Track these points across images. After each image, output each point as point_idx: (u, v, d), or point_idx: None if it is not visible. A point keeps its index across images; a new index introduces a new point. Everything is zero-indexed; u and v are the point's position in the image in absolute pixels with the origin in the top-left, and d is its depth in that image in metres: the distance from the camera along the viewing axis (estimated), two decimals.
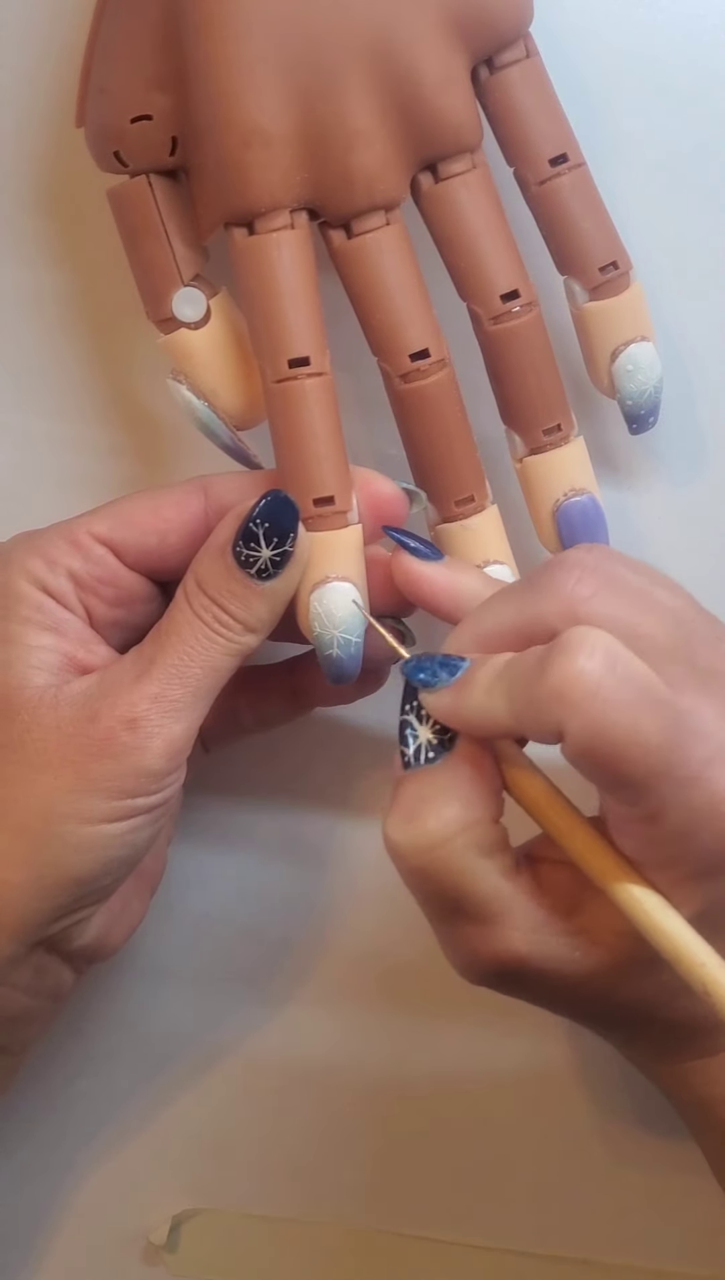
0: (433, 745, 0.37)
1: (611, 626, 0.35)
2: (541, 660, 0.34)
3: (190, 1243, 0.50)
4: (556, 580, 0.36)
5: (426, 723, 0.37)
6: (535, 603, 0.36)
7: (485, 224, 0.41)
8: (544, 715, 0.34)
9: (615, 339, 0.43)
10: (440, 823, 0.36)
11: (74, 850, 0.39)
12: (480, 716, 0.36)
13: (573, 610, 0.35)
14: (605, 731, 0.33)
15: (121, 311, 0.45)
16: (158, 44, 0.39)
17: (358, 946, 0.50)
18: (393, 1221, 0.50)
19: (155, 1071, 0.51)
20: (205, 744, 0.46)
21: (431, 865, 0.36)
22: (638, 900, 0.35)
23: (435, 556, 0.40)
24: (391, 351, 0.41)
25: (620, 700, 0.33)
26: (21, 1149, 0.51)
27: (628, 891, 0.35)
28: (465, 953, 0.37)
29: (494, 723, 0.36)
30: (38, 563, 0.40)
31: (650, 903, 0.35)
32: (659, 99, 0.45)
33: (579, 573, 0.36)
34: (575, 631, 0.34)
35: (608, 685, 0.33)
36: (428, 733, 0.37)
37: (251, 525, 0.39)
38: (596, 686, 0.33)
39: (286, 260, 0.40)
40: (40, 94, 0.45)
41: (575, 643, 0.34)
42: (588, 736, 0.33)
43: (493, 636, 0.37)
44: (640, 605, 0.36)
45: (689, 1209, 0.49)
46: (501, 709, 0.35)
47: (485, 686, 0.36)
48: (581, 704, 0.33)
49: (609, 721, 0.33)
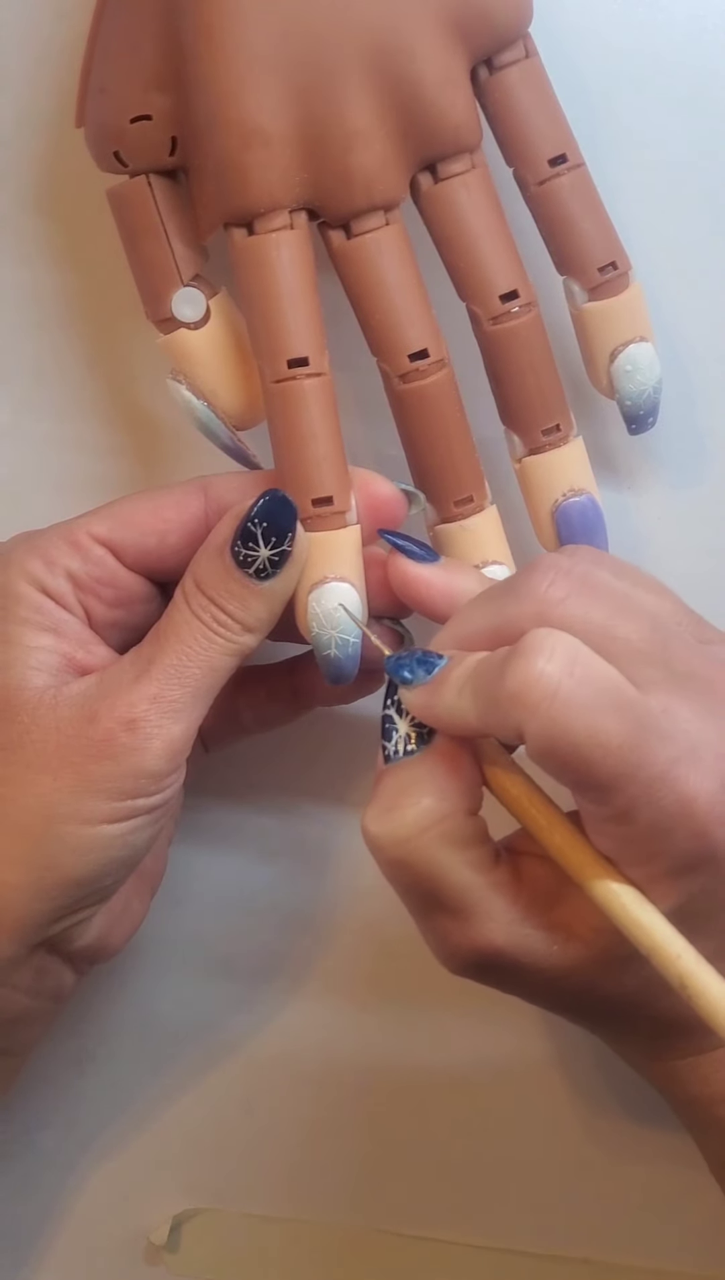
0: (411, 739, 0.38)
1: (584, 629, 0.35)
2: (503, 662, 0.34)
3: (190, 1243, 0.50)
4: (531, 583, 0.36)
5: (405, 717, 0.38)
6: (509, 605, 0.36)
7: (484, 224, 0.41)
8: (504, 717, 0.34)
9: (614, 339, 0.43)
10: (415, 814, 0.36)
11: (74, 851, 0.39)
12: (450, 715, 0.36)
13: (544, 613, 0.36)
14: (563, 733, 0.33)
15: (121, 311, 0.45)
16: (157, 44, 0.39)
17: (358, 946, 0.50)
18: (393, 1221, 0.50)
19: (156, 1071, 0.51)
20: (205, 744, 0.46)
21: (406, 857, 0.37)
22: (614, 895, 0.35)
23: (431, 558, 0.40)
24: (390, 352, 0.41)
25: (578, 702, 0.33)
26: (22, 1149, 0.51)
27: (603, 886, 0.35)
28: (443, 944, 0.38)
29: (463, 722, 0.36)
30: (37, 563, 0.40)
31: (626, 898, 0.35)
32: (659, 99, 0.45)
33: (553, 575, 0.36)
34: (536, 633, 0.34)
35: (566, 687, 0.33)
36: (407, 727, 0.38)
37: (250, 525, 0.39)
38: (554, 689, 0.33)
39: (286, 260, 0.40)
40: (40, 94, 0.45)
41: (535, 645, 0.34)
42: (546, 738, 0.33)
43: (472, 636, 0.37)
44: (615, 608, 0.36)
45: (689, 1208, 0.49)
46: (469, 709, 0.36)
47: (457, 686, 0.36)
48: (539, 706, 0.33)
49: (567, 723, 0.33)
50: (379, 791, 0.38)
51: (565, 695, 0.33)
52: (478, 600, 0.38)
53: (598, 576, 0.37)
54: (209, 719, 0.40)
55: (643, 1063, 0.42)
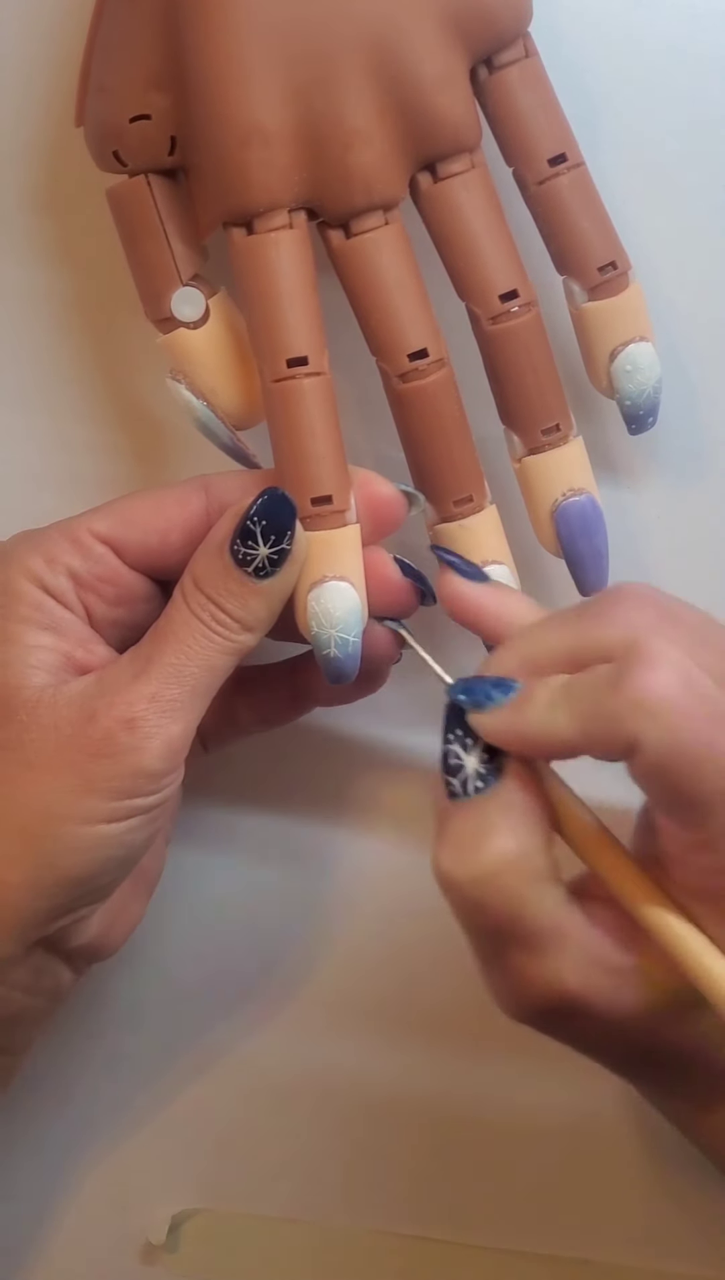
0: (481, 774, 0.36)
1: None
2: (615, 674, 0.34)
3: (190, 1243, 0.50)
4: (618, 609, 0.36)
5: (472, 750, 0.37)
6: (594, 627, 0.36)
7: (484, 224, 0.41)
8: (618, 727, 0.33)
9: (614, 339, 0.43)
10: (496, 853, 0.35)
11: (72, 850, 0.39)
12: (541, 733, 0.35)
13: (633, 637, 0.35)
14: (682, 745, 0.33)
15: (121, 311, 0.45)
16: (157, 43, 0.39)
17: (357, 946, 0.50)
18: (393, 1222, 0.50)
19: (155, 1071, 0.51)
20: (205, 743, 0.46)
21: (488, 896, 0.35)
22: (682, 938, 0.35)
23: (481, 578, 0.40)
24: (390, 351, 0.41)
25: (698, 715, 0.33)
26: (21, 1149, 0.51)
27: (672, 928, 0.35)
28: (514, 984, 0.36)
29: (556, 739, 0.35)
30: (38, 561, 0.40)
31: (695, 941, 0.35)
32: (659, 99, 0.45)
33: (639, 603, 0.36)
34: (650, 647, 0.34)
35: (686, 699, 0.33)
36: (475, 761, 0.36)
37: (249, 523, 0.39)
38: (676, 699, 0.33)
39: (285, 260, 0.40)
40: (40, 94, 0.45)
41: (654, 657, 0.33)
42: (665, 748, 0.33)
43: (543, 660, 0.36)
44: (698, 638, 0.36)
45: (689, 1209, 0.49)
46: (565, 724, 0.35)
47: (546, 703, 0.35)
48: (662, 715, 0.33)
49: (687, 735, 0.33)
50: (451, 831, 0.36)
51: (685, 707, 0.33)
52: (547, 624, 0.37)
53: (676, 608, 0.36)
54: (208, 718, 0.40)
55: (686, 1116, 0.41)
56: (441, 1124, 0.50)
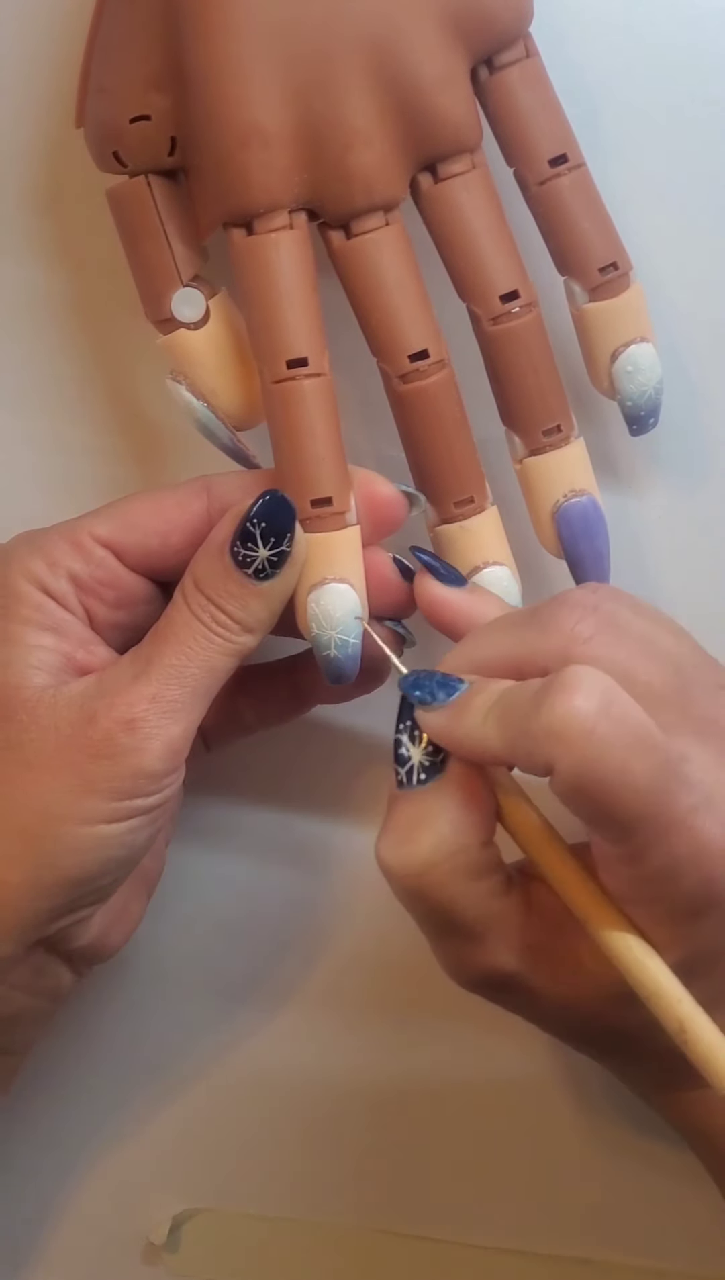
0: (425, 766, 0.37)
1: (609, 669, 0.35)
2: (539, 694, 0.34)
3: (190, 1243, 0.50)
4: (558, 618, 0.36)
5: (419, 742, 0.37)
6: (535, 637, 0.37)
7: (485, 224, 0.41)
8: (536, 749, 0.34)
9: (615, 340, 0.42)
10: (429, 847, 0.36)
11: (73, 851, 0.39)
12: (473, 742, 0.36)
13: (570, 650, 0.36)
14: (596, 771, 0.33)
15: (121, 312, 0.45)
16: (156, 43, 0.39)
17: (358, 946, 0.50)
18: (393, 1221, 0.50)
19: (155, 1072, 0.51)
20: (206, 742, 0.46)
21: (421, 889, 0.37)
22: (616, 937, 0.35)
23: (459, 582, 0.41)
24: (391, 352, 0.41)
25: (613, 742, 0.33)
26: (21, 1149, 0.51)
27: (606, 927, 0.35)
28: (455, 964, 0.38)
29: (486, 750, 0.36)
30: (39, 563, 0.40)
31: (628, 941, 0.35)
32: (660, 99, 0.45)
33: (581, 613, 0.36)
34: (575, 669, 0.34)
35: (603, 726, 0.33)
36: (420, 753, 0.37)
37: (248, 525, 0.39)
38: (592, 726, 0.33)
39: (285, 261, 0.40)
40: (40, 94, 0.45)
41: (573, 681, 0.34)
42: (578, 775, 0.33)
43: (490, 662, 0.37)
44: (639, 650, 0.36)
45: (689, 1209, 0.49)
46: (494, 737, 0.35)
47: (481, 712, 0.36)
48: (575, 742, 0.33)
49: (600, 762, 0.33)
50: (392, 820, 0.37)
51: (601, 734, 0.33)
52: (497, 626, 0.38)
53: (623, 616, 0.37)
54: (210, 717, 0.40)
55: (649, 1094, 0.42)
56: (442, 1124, 0.50)
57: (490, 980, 0.38)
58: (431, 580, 0.41)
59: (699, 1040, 0.34)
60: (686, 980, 0.35)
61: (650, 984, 0.35)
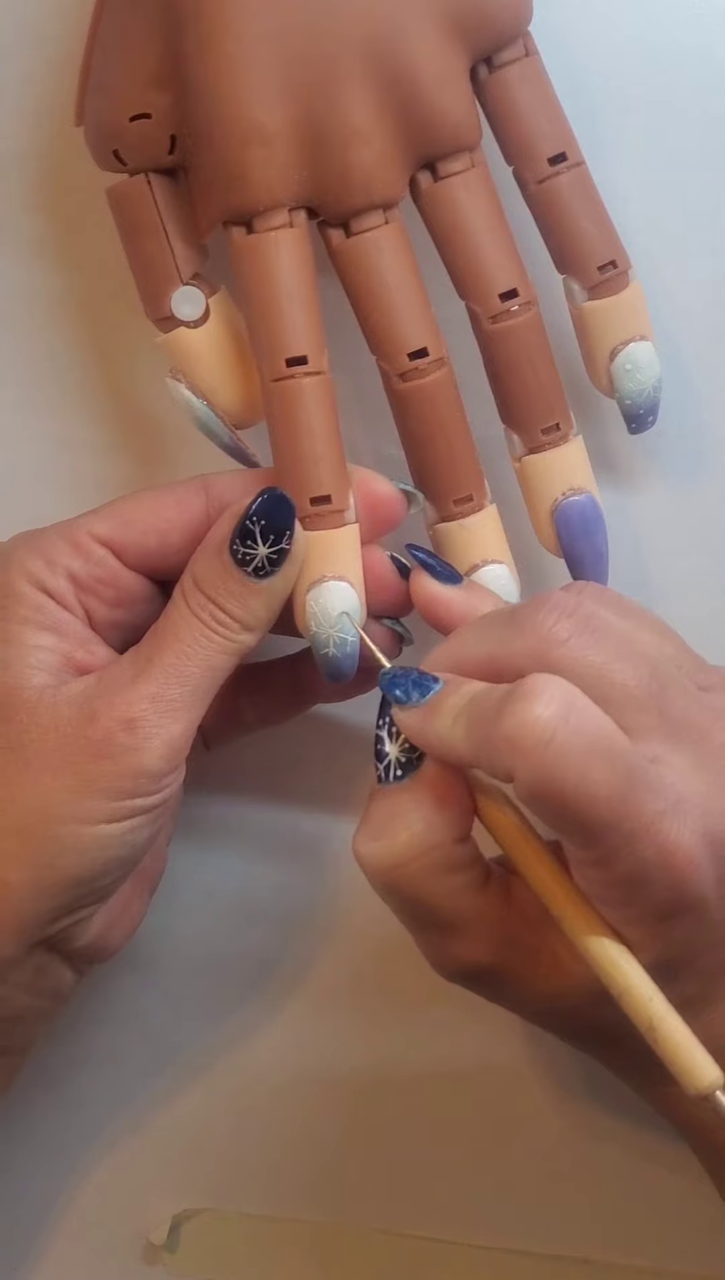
0: (401, 763, 0.38)
1: (582, 671, 0.35)
2: (501, 701, 0.34)
3: (190, 1243, 0.50)
4: (534, 620, 0.36)
5: (396, 739, 0.38)
6: (510, 638, 0.37)
7: (484, 223, 0.41)
8: (496, 756, 0.34)
9: (614, 338, 0.43)
10: (402, 843, 0.37)
11: (73, 851, 0.39)
12: (442, 744, 0.36)
13: (544, 652, 0.36)
14: (554, 781, 0.33)
15: (121, 311, 0.45)
16: (156, 42, 0.39)
17: (359, 946, 0.50)
18: (392, 1221, 0.50)
19: (155, 1071, 0.51)
20: (206, 741, 0.46)
21: (395, 883, 0.37)
22: (589, 939, 0.36)
23: (455, 580, 0.41)
24: (390, 350, 0.41)
25: (571, 751, 0.33)
26: (21, 1149, 0.51)
27: (579, 927, 0.36)
28: (433, 955, 0.39)
29: (454, 753, 0.36)
30: (38, 563, 0.40)
31: (601, 941, 0.35)
32: (659, 98, 0.45)
33: (558, 615, 0.36)
34: (536, 678, 0.34)
35: (561, 735, 0.33)
36: (397, 750, 0.38)
37: (248, 523, 0.39)
38: (549, 736, 0.33)
39: (285, 259, 0.40)
40: (40, 93, 0.45)
41: (533, 690, 0.34)
42: (535, 784, 0.34)
43: (469, 662, 0.37)
44: (616, 652, 0.36)
45: (689, 1209, 0.49)
46: (461, 740, 0.36)
47: (451, 714, 0.36)
48: (532, 752, 0.33)
49: (558, 771, 0.33)
50: (369, 815, 0.38)
51: (559, 743, 0.33)
52: (479, 625, 0.38)
53: (601, 618, 0.37)
54: (210, 716, 0.40)
55: (639, 1086, 0.42)
56: (442, 1123, 0.50)
57: (467, 972, 0.38)
58: (427, 578, 0.41)
59: (668, 1039, 0.34)
60: (662, 981, 0.35)
61: (621, 982, 0.35)
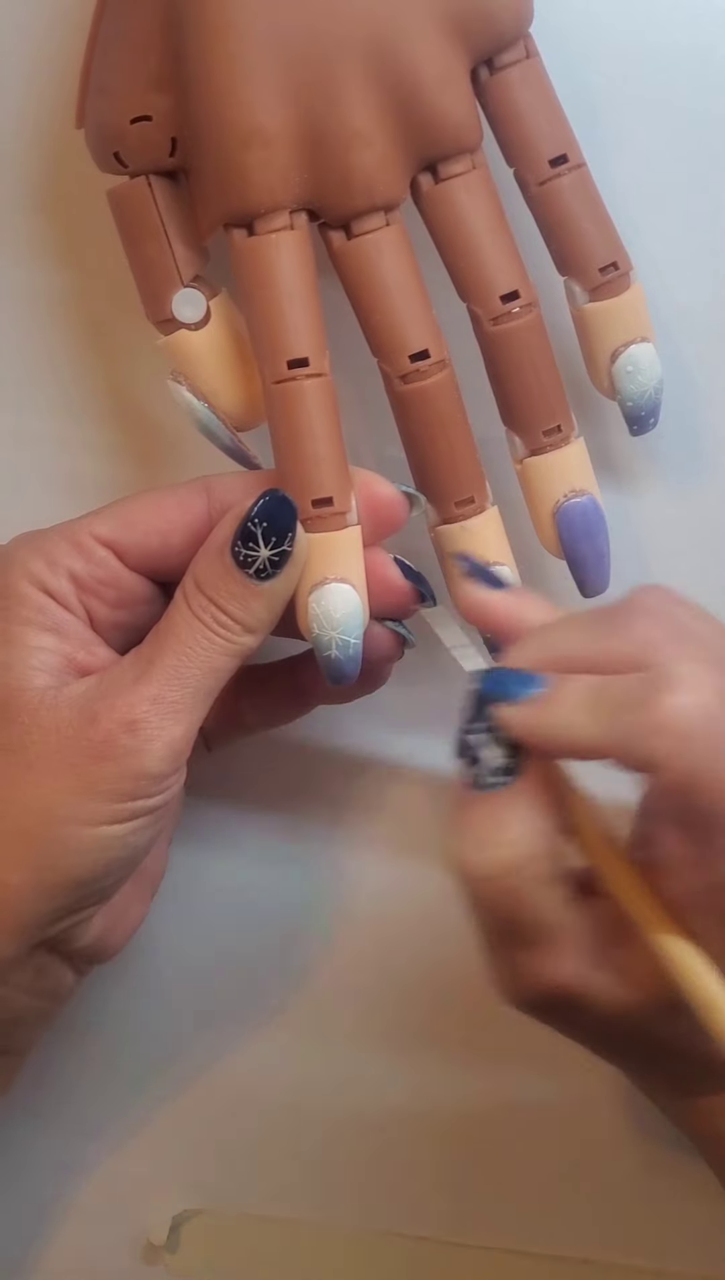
0: (501, 768, 0.37)
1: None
2: (645, 689, 0.34)
3: (190, 1243, 0.50)
4: (631, 620, 0.36)
5: (494, 742, 0.37)
6: (608, 636, 0.36)
7: (485, 225, 0.41)
8: (640, 744, 0.34)
9: (615, 340, 0.42)
10: (513, 851, 0.36)
11: (74, 852, 0.39)
12: (564, 733, 0.36)
13: (645, 654, 0.35)
14: (700, 770, 0.33)
15: (121, 312, 0.45)
16: (157, 44, 0.39)
17: (359, 947, 0.50)
18: (393, 1221, 0.50)
19: (155, 1072, 0.51)
20: (208, 743, 0.46)
21: (495, 894, 0.36)
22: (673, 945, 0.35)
23: (500, 585, 0.41)
24: (391, 352, 0.41)
25: (716, 742, 0.33)
26: (21, 1149, 0.51)
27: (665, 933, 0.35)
28: (514, 976, 0.37)
29: (578, 742, 0.35)
30: (39, 564, 0.40)
31: (683, 949, 0.35)
32: (659, 99, 0.45)
33: (654, 618, 0.36)
34: (679, 668, 0.34)
35: (707, 726, 0.33)
36: (496, 754, 0.37)
37: (249, 525, 0.39)
38: (698, 726, 0.33)
39: (286, 261, 0.40)
40: (40, 94, 0.45)
41: (681, 681, 0.34)
42: (682, 773, 0.34)
43: (569, 660, 0.37)
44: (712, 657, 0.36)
45: (689, 1209, 0.49)
46: (588, 728, 0.35)
47: (573, 704, 0.35)
48: (684, 740, 0.33)
49: (704, 761, 0.33)
50: (471, 822, 0.36)
51: (706, 734, 0.33)
52: (569, 626, 0.38)
53: (685, 621, 0.37)
54: (211, 717, 0.40)
55: (666, 1099, 0.42)
56: (441, 1124, 0.50)
57: (546, 994, 0.37)
58: (474, 584, 0.40)
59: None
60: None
61: (705, 994, 0.35)
